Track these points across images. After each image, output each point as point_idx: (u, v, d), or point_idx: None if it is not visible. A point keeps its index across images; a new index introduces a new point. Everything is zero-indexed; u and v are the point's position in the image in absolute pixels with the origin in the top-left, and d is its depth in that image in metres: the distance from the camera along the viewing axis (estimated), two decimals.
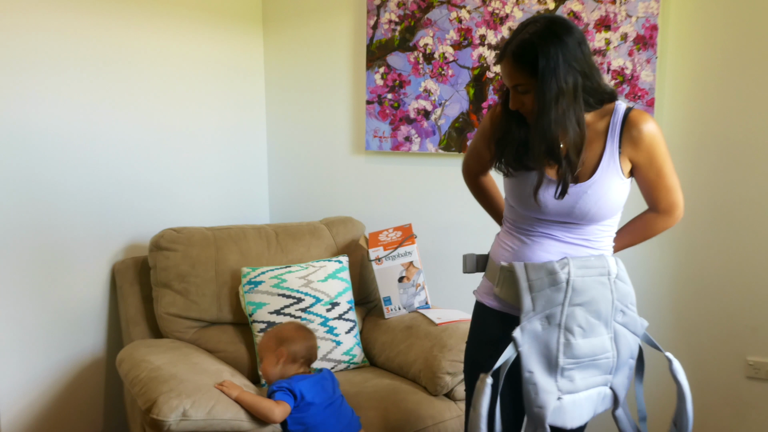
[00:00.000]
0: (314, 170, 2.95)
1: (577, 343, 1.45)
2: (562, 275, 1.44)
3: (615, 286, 1.47)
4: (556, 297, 1.44)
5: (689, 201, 2.27)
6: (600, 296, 1.46)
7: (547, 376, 1.46)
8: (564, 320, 1.45)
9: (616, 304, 1.48)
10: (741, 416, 2.29)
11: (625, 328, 1.51)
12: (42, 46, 2.08)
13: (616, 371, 1.51)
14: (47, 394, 2.20)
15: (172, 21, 2.50)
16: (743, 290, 2.24)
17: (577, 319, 1.45)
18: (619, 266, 1.51)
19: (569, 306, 1.44)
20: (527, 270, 1.47)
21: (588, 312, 1.45)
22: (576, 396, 1.48)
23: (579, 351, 1.46)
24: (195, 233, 2.35)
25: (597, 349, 1.47)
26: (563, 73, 1.37)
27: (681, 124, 2.27)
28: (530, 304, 1.45)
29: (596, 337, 1.47)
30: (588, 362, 1.47)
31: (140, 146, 2.42)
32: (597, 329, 1.47)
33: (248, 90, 2.91)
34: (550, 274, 1.45)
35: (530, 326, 1.46)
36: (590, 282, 1.45)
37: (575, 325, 1.45)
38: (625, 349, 1.51)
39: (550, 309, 1.45)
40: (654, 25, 2.23)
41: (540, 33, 1.38)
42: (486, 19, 2.48)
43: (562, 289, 1.44)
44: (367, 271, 2.52)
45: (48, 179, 2.14)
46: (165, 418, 1.66)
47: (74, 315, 2.26)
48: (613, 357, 1.50)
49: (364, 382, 2.14)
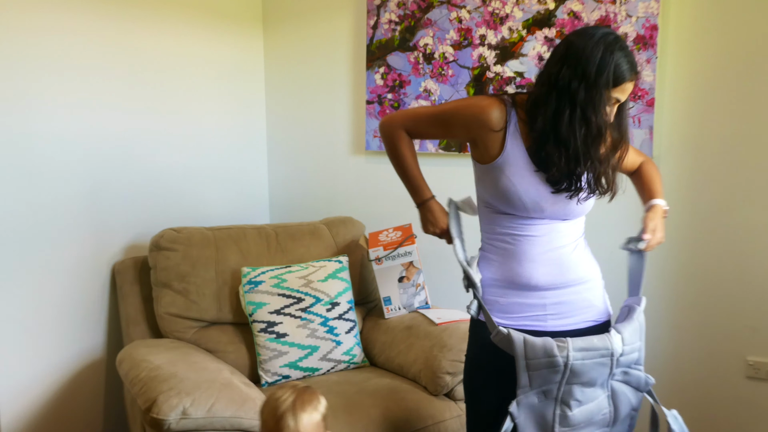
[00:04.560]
0: (314, 170, 2.95)
1: (573, 414, 1.46)
2: (560, 359, 1.41)
3: (617, 363, 1.45)
4: (554, 377, 1.44)
5: (689, 201, 2.28)
6: (599, 374, 1.45)
7: None
8: (560, 395, 1.45)
9: (615, 372, 1.47)
10: (741, 416, 2.29)
11: (626, 385, 1.50)
12: (42, 47, 2.08)
13: (614, 423, 1.51)
14: (47, 394, 2.20)
15: (172, 21, 2.51)
16: (743, 290, 2.24)
17: (574, 395, 1.45)
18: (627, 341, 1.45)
19: (566, 384, 1.44)
20: (526, 348, 1.43)
21: (584, 386, 1.46)
22: None
23: (575, 420, 1.46)
24: (195, 233, 2.35)
25: (593, 413, 1.48)
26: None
27: (681, 124, 2.27)
28: (527, 381, 1.45)
29: (592, 402, 1.47)
30: (584, 425, 1.48)
31: (140, 146, 2.43)
32: (592, 395, 1.47)
33: (248, 90, 2.91)
34: (548, 356, 1.42)
35: (526, 400, 1.46)
36: (589, 365, 1.43)
37: (572, 400, 1.45)
38: (624, 405, 1.51)
39: (547, 386, 1.45)
40: (654, 25, 2.23)
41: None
42: (486, 19, 2.48)
43: (560, 372, 1.43)
44: (367, 271, 2.52)
45: (48, 179, 2.14)
46: (165, 417, 1.66)
47: (74, 315, 2.26)
48: (610, 413, 1.50)
49: (364, 381, 2.14)
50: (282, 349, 2.20)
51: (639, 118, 2.28)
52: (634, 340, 1.47)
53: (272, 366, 2.19)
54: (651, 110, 2.26)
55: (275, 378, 2.19)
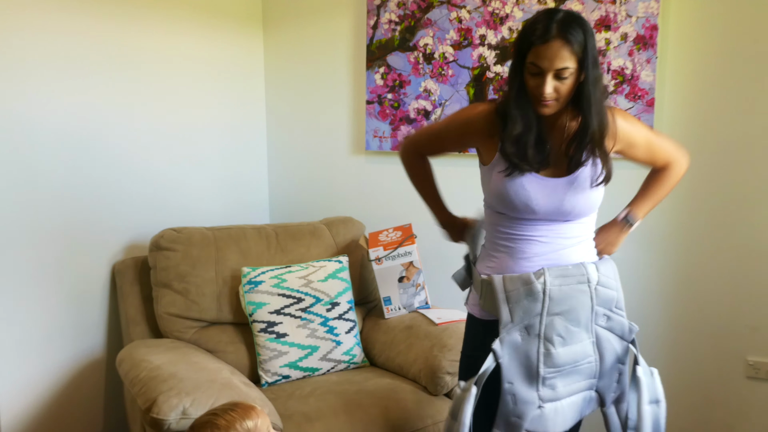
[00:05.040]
0: (314, 170, 2.95)
1: (557, 353, 1.45)
2: (538, 285, 1.43)
3: (596, 293, 1.46)
4: (534, 307, 1.44)
5: (689, 201, 2.28)
6: (579, 304, 1.45)
7: (528, 386, 1.46)
8: (543, 330, 1.44)
9: (597, 310, 1.46)
10: (741, 416, 2.29)
11: (610, 332, 1.49)
12: (43, 46, 2.08)
13: (600, 375, 1.50)
14: (47, 394, 2.20)
15: (172, 21, 2.51)
16: (743, 290, 2.24)
17: (556, 329, 1.45)
18: (602, 272, 1.49)
19: (548, 316, 1.44)
20: (504, 282, 1.47)
21: (567, 320, 1.45)
22: (558, 403, 1.48)
23: (559, 360, 1.45)
24: (195, 233, 2.35)
25: (578, 355, 1.47)
26: (598, 66, 1.41)
27: (681, 124, 2.27)
28: (508, 316, 1.45)
29: (577, 344, 1.47)
30: (570, 369, 1.47)
31: (140, 146, 2.43)
32: (577, 336, 1.46)
33: (248, 90, 2.91)
34: (525, 284, 1.44)
35: (509, 338, 1.45)
36: (568, 291, 1.44)
37: (555, 335, 1.45)
38: (610, 353, 1.50)
39: (529, 320, 1.45)
40: (654, 25, 2.23)
41: (578, 17, 1.37)
42: (486, 19, 2.48)
43: (539, 299, 1.44)
44: (367, 271, 2.52)
45: (48, 179, 2.13)
46: (165, 417, 1.65)
47: (74, 315, 2.25)
48: (595, 361, 1.49)
49: (364, 381, 2.14)
50: (282, 349, 2.20)
51: (639, 118, 2.28)
52: (610, 274, 1.49)
53: (272, 366, 2.19)
54: (651, 110, 2.26)
55: (275, 378, 2.19)
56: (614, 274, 1.52)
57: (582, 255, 1.55)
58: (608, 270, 1.51)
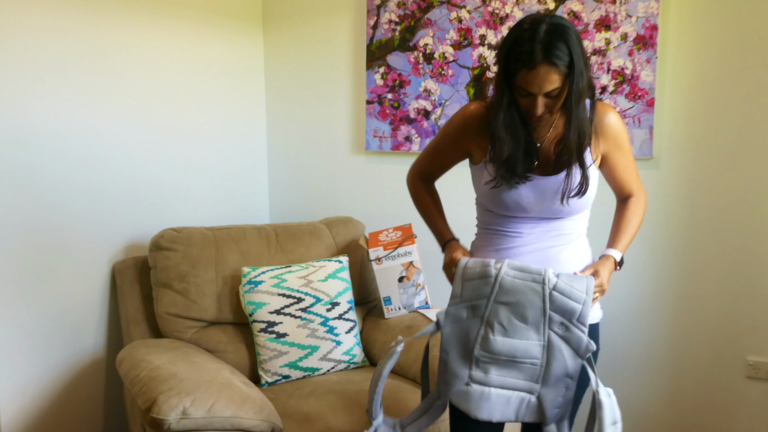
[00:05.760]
0: (314, 170, 2.95)
1: (495, 340, 1.47)
2: (493, 270, 1.48)
3: (550, 297, 1.45)
4: (483, 290, 1.48)
5: (689, 201, 2.28)
6: (527, 301, 1.46)
7: (460, 361, 1.51)
8: (487, 314, 1.48)
9: (552, 315, 1.46)
10: (741, 416, 2.29)
11: (564, 343, 1.47)
12: (42, 45, 2.08)
13: (545, 382, 1.48)
14: (47, 394, 2.20)
15: (172, 21, 2.51)
16: (743, 290, 2.24)
17: (499, 317, 1.48)
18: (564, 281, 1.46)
19: (494, 302, 1.48)
20: (468, 263, 1.53)
21: (513, 313, 1.47)
22: (486, 389, 1.49)
23: (495, 347, 1.48)
24: (195, 233, 2.35)
25: (518, 351, 1.47)
26: (585, 70, 1.42)
27: (681, 124, 2.27)
28: (459, 290, 1.51)
29: (520, 339, 1.47)
30: (506, 361, 1.48)
31: (140, 146, 2.43)
32: (522, 332, 1.47)
33: (248, 89, 2.91)
34: (483, 266, 1.49)
35: (455, 311, 1.51)
36: (520, 285, 1.46)
37: (496, 322, 1.48)
38: (559, 363, 1.47)
39: (476, 300, 1.49)
40: (654, 25, 2.23)
41: (562, 31, 1.37)
42: (486, 19, 2.48)
43: (490, 284, 1.48)
44: (367, 271, 2.52)
45: (48, 179, 2.13)
46: (165, 417, 1.65)
47: (74, 315, 2.26)
48: (541, 365, 1.47)
49: (364, 381, 2.14)
50: (282, 349, 2.20)
51: (639, 118, 2.28)
52: (579, 287, 1.46)
53: (272, 366, 2.19)
54: (651, 110, 2.26)
55: (275, 378, 2.19)
56: (585, 289, 1.48)
57: (572, 256, 1.56)
58: (577, 283, 1.47)
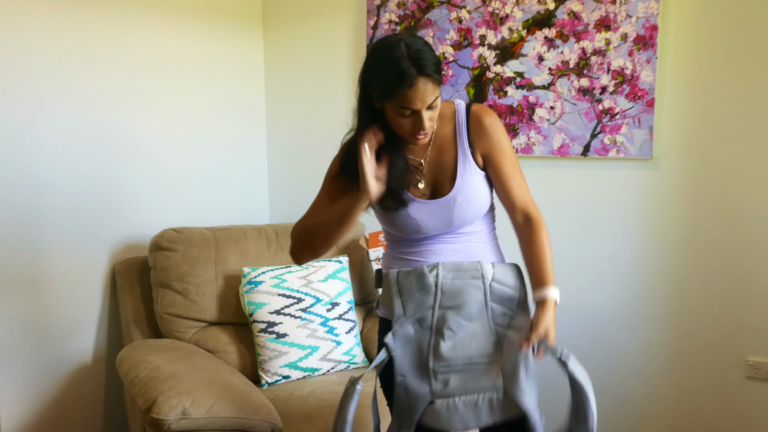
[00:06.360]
0: (314, 170, 2.93)
1: (447, 346, 1.41)
2: (431, 278, 1.44)
3: (490, 289, 1.44)
4: (426, 300, 1.44)
5: (689, 201, 2.28)
6: (472, 299, 1.43)
7: (420, 379, 1.42)
8: (435, 323, 1.43)
9: (493, 307, 1.44)
10: (741, 416, 2.29)
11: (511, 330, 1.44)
12: (41, 45, 2.08)
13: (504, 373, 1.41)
14: (47, 395, 2.20)
15: (172, 20, 2.51)
16: (743, 290, 2.24)
17: (448, 323, 1.42)
18: (498, 271, 1.46)
19: (440, 309, 1.43)
20: (398, 275, 1.47)
21: (460, 315, 1.43)
22: (450, 401, 1.40)
23: (449, 354, 1.41)
24: (195, 233, 2.35)
25: (473, 352, 1.42)
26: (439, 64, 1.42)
27: (681, 124, 2.27)
28: (401, 309, 1.45)
29: (471, 341, 1.42)
30: (463, 366, 1.42)
31: (140, 146, 2.42)
32: (471, 329, 1.43)
33: (248, 90, 2.91)
34: (418, 277, 1.45)
35: (402, 330, 1.44)
36: (461, 285, 1.43)
37: (446, 329, 1.42)
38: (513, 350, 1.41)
39: (421, 312, 1.44)
40: (654, 25, 2.23)
41: (420, 42, 1.37)
42: (486, 19, 2.48)
43: (431, 292, 1.44)
44: (367, 271, 2.52)
45: (48, 179, 2.13)
46: (165, 417, 1.66)
47: (74, 315, 2.25)
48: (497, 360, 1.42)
49: (364, 381, 2.14)
50: (282, 349, 2.20)
51: (639, 118, 2.28)
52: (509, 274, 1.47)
53: (272, 366, 2.19)
54: (651, 110, 2.26)
55: (275, 378, 2.19)
56: (514, 276, 1.48)
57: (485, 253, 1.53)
58: (506, 272, 1.48)
